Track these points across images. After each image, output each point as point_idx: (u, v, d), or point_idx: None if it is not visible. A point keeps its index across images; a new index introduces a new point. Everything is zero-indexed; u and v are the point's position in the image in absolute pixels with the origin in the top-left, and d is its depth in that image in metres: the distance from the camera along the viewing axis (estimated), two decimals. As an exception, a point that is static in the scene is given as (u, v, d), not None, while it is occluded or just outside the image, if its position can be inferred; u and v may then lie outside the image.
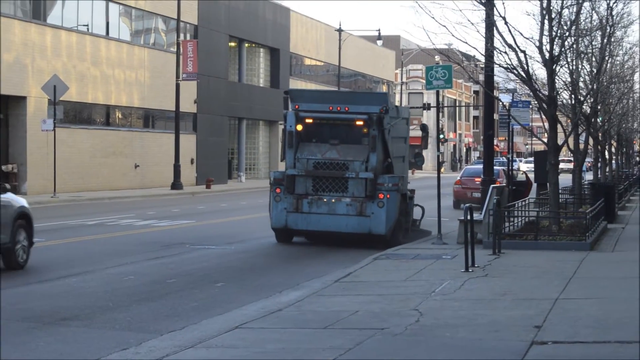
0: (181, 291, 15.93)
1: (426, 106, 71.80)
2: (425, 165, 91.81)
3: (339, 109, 23.86)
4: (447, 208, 34.22)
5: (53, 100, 39.18)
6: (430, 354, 10.79)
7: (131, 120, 51.04)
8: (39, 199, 37.16)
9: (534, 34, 24.32)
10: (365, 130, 23.62)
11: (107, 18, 48.27)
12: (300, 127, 23.92)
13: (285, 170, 23.91)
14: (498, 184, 27.62)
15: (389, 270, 18.07)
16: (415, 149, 26.78)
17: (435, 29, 54.92)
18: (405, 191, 24.49)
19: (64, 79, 40.91)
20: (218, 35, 58.93)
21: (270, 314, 13.32)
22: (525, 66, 22.78)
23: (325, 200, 23.42)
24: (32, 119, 41.36)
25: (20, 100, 41.37)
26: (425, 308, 13.46)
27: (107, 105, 48.23)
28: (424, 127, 26.96)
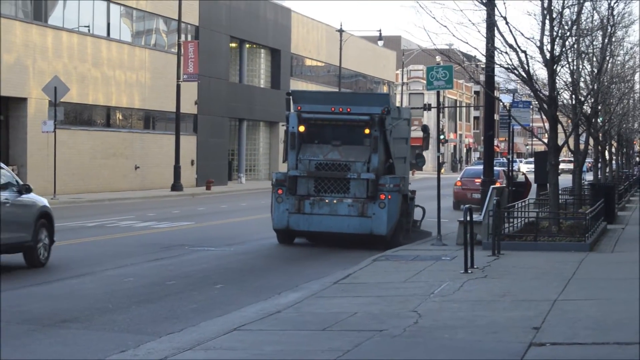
0: (180, 293, 15.94)
1: (427, 107, 71.81)
2: (426, 166, 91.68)
3: (340, 110, 23.88)
4: (447, 209, 34.22)
5: (54, 102, 39.19)
6: (429, 355, 10.79)
7: (132, 121, 51.03)
8: (39, 201, 37.10)
9: (534, 34, 24.34)
10: (367, 131, 23.62)
11: (108, 19, 48.28)
12: (302, 129, 23.92)
13: (288, 171, 23.92)
14: (498, 184, 27.63)
15: (388, 272, 18.06)
16: (416, 150, 26.78)
17: (436, 29, 55.21)
18: (406, 192, 24.51)
19: (64, 80, 40.92)
20: (219, 36, 58.95)
21: (269, 316, 13.31)
22: (526, 66, 22.78)
23: (327, 201, 23.43)
24: (33, 120, 41.37)
25: (20, 102, 41.38)
26: (424, 309, 13.46)
27: (108, 106, 48.24)
28: (425, 128, 26.98)
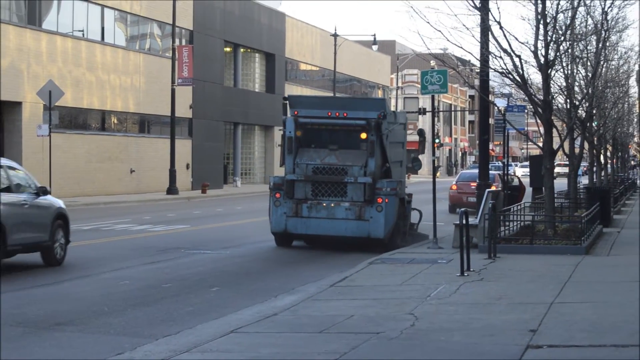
0: (176, 296, 15.92)
1: (422, 111, 71.79)
2: (421, 169, 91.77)
3: (337, 114, 24.00)
4: (443, 212, 34.23)
5: (48, 106, 39.15)
6: (426, 357, 10.79)
7: (127, 125, 51.01)
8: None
9: (529, 38, 24.45)
10: (363, 135, 23.75)
11: (103, 23, 48.28)
12: (299, 133, 24.05)
13: (285, 175, 24.02)
14: (494, 188, 27.64)
15: (385, 275, 18.06)
16: (411, 154, 26.83)
17: (430, 34, 55.29)
18: (403, 195, 24.58)
19: (59, 84, 40.88)
20: (213, 40, 58.95)
21: (265, 319, 13.31)
22: (520, 71, 22.82)
23: (324, 204, 23.52)
24: (28, 124, 41.34)
25: (15, 106, 41.35)
26: (421, 312, 13.46)
27: (103, 110, 48.23)
28: (421, 132, 27.03)
